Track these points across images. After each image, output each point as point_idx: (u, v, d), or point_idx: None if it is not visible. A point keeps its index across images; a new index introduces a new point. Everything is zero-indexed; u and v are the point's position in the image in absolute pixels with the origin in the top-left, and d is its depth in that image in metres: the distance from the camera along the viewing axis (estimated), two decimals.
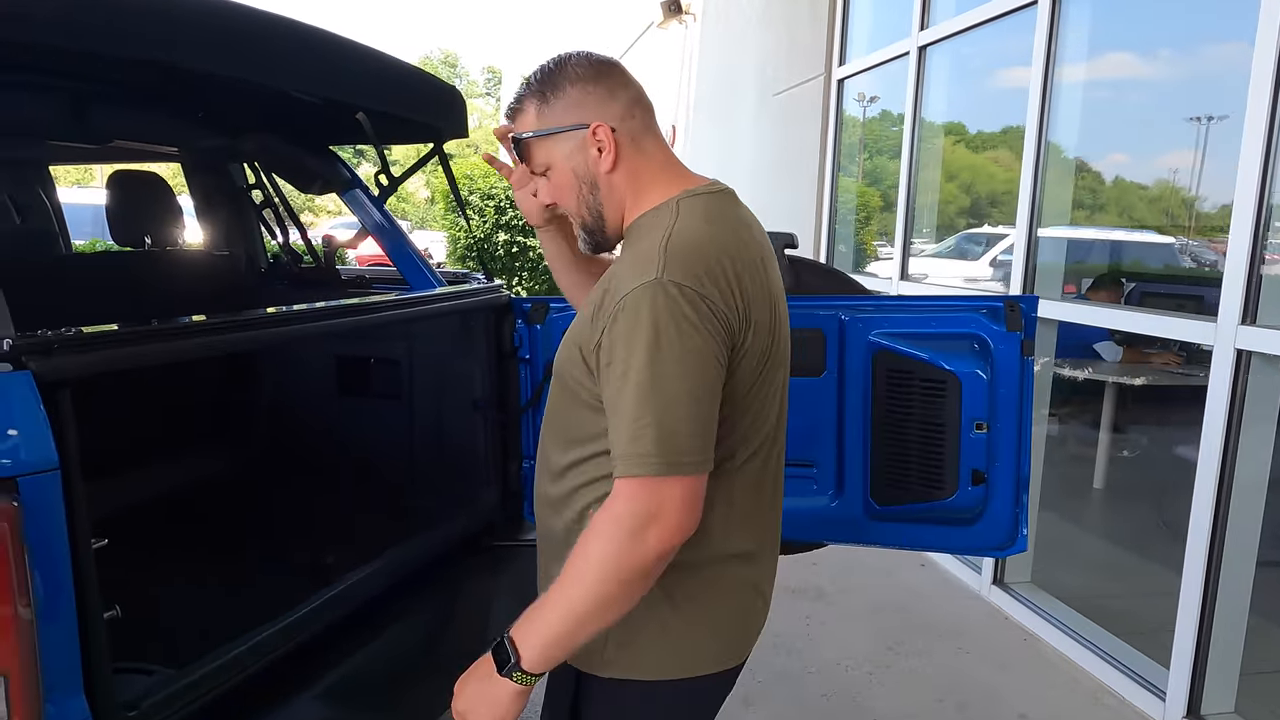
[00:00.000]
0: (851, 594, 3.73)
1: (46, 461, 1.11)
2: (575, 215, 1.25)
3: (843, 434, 2.11)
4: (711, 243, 1.12)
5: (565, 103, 1.20)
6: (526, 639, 1.07)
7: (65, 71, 1.88)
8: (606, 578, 1.03)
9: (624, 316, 1.06)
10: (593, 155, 1.20)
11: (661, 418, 1.03)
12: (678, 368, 1.04)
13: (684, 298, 1.05)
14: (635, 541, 1.02)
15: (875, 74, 5.30)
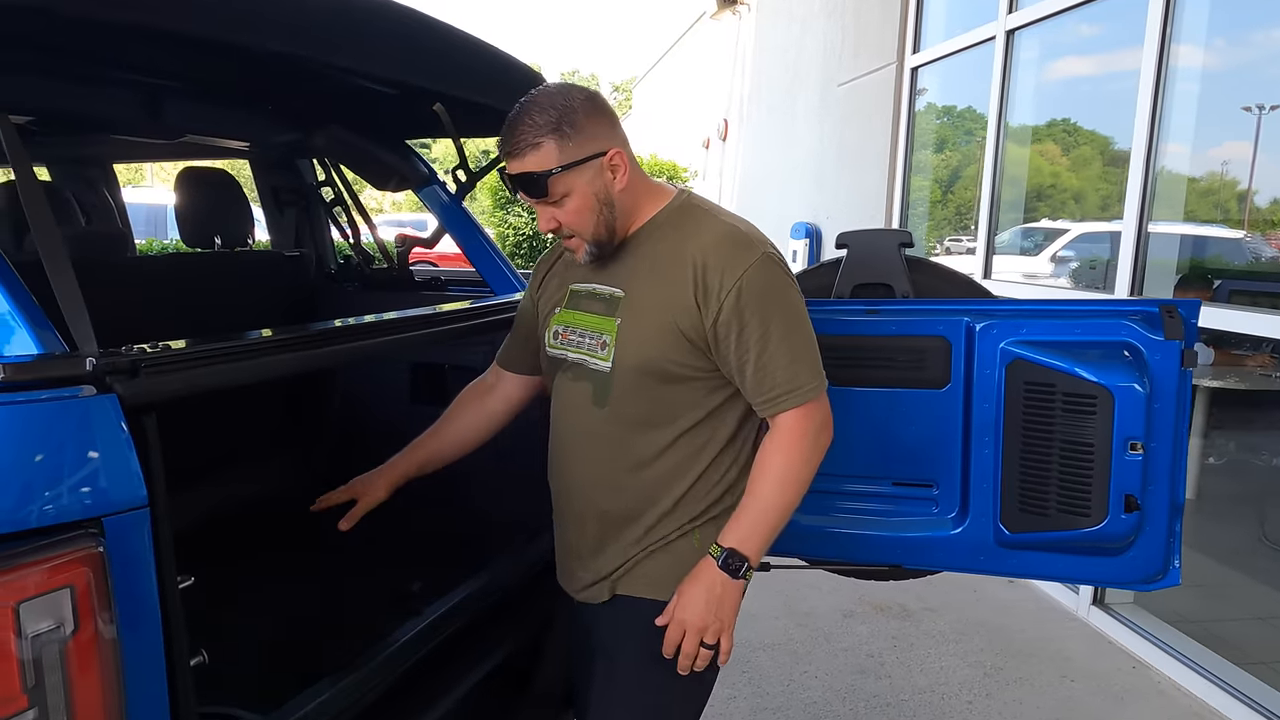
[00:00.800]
0: (939, 613, 3.52)
1: (134, 498, 0.97)
2: (589, 233, 1.39)
3: (969, 452, 1.92)
4: (750, 225, 1.44)
5: (583, 136, 1.33)
6: (750, 542, 1.38)
7: (134, 64, 1.75)
8: (805, 479, 1.40)
9: (748, 289, 1.34)
10: (608, 178, 1.37)
11: (804, 354, 1.39)
12: (801, 314, 1.41)
13: (782, 263, 1.40)
14: (819, 444, 1.41)
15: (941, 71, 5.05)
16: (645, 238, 1.44)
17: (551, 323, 1.54)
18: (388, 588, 1.82)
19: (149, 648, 1.00)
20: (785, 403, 1.37)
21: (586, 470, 1.50)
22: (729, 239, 1.38)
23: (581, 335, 1.48)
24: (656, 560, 1.47)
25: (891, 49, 5.39)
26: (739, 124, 9.68)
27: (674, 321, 1.37)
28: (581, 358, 1.47)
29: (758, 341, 1.35)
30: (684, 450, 1.44)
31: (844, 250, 2.09)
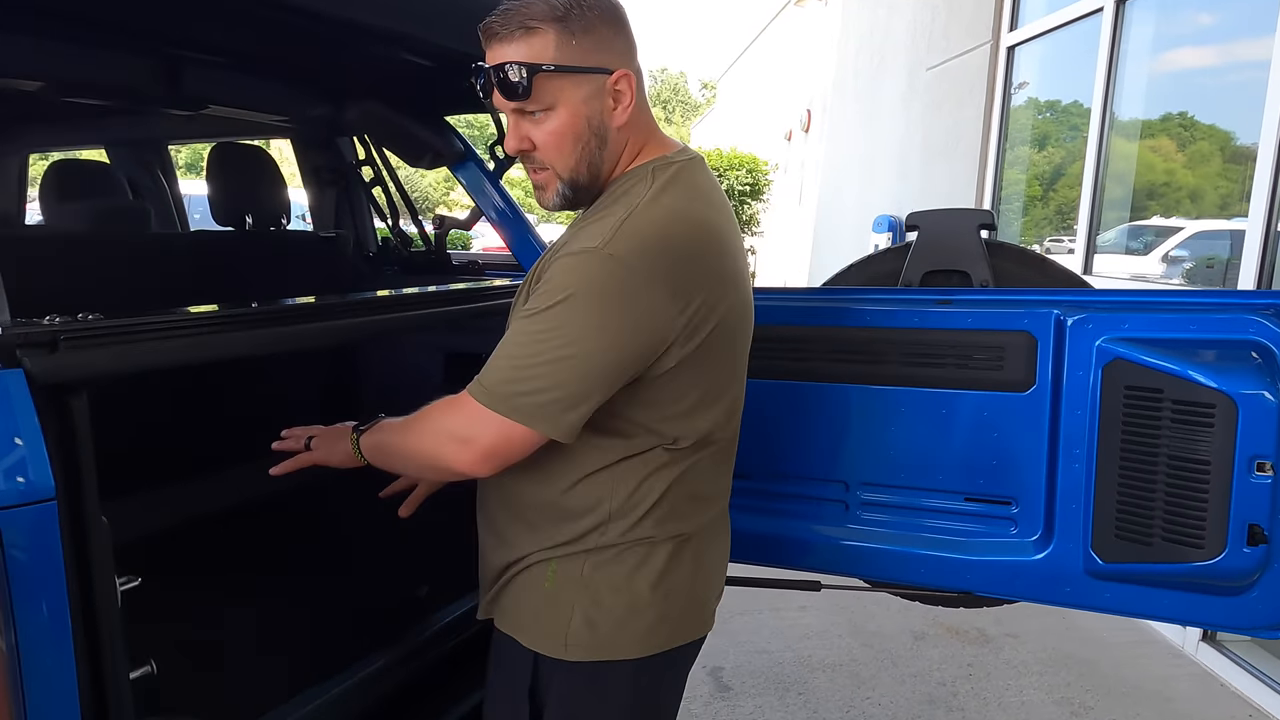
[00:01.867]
0: (1021, 640, 3.20)
1: (40, 490, 0.84)
2: (567, 167, 1.11)
3: (1055, 466, 1.65)
4: (677, 221, 1.07)
5: (593, 39, 1.06)
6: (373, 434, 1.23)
7: (169, 33, 1.67)
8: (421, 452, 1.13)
9: (551, 273, 1.03)
10: (608, 105, 1.09)
11: (528, 362, 1.02)
12: (575, 333, 1.00)
13: (617, 273, 1.00)
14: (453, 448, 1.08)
15: (1041, 51, 4.65)
16: (603, 197, 1.15)
17: None
18: (395, 590, 1.69)
19: (60, 655, 0.88)
20: (474, 383, 1.06)
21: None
22: (606, 220, 1.06)
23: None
24: (510, 590, 1.22)
25: (986, 26, 5.01)
26: (822, 114, 9.33)
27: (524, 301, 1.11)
28: None
29: (522, 315, 1.04)
30: (542, 464, 1.13)
31: (914, 233, 1.85)
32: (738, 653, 3.04)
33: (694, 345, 1.07)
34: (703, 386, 1.12)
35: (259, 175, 2.28)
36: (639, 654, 1.17)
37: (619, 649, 1.16)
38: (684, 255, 1.04)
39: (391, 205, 2.48)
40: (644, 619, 1.16)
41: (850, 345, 1.76)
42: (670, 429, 1.12)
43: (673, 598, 1.19)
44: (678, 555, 1.19)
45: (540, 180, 1.13)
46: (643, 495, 1.14)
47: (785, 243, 12.47)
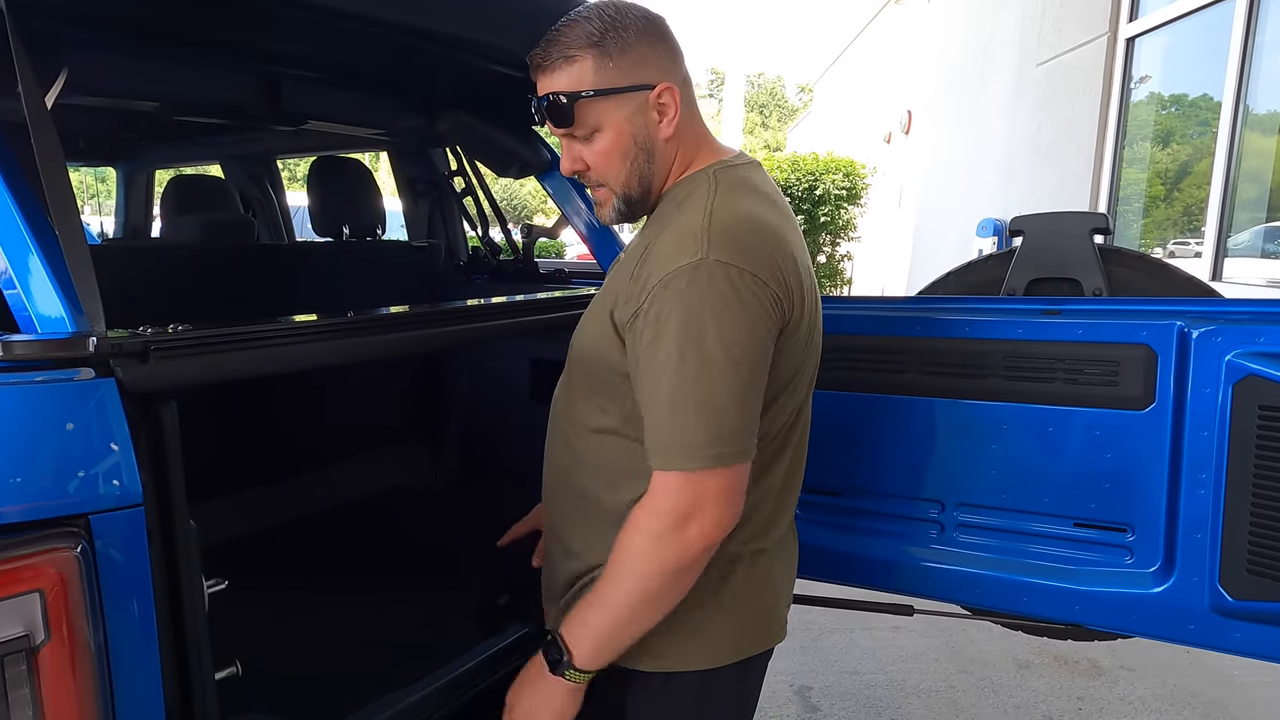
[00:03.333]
0: (1139, 674, 2.97)
1: (128, 495, 0.87)
2: (619, 183, 1.14)
3: (1177, 492, 1.52)
4: (757, 218, 1.07)
5: (631, 59, 1.08)
6: (578, 637, 1.05)
7: (258, 51, 1.75)
8: (648, 574, 1.01)
9: (665, 297, 1.00)
10: (653, 119, 1.11)
11: (704, 405, 0.99)
12: (721, 353, 0.98)
13: (730, 277, 0.99)
14: (676, 537, 1.00)
15: (1165, 42, 4.34)
16: (659, 207, 1.17)
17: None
18: (475, 599, 1.70)
19: (146, 656, 0.90)
20: (656, 459, 1.01)
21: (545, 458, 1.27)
22: (685, 228, 1.04)
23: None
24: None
25: (1102, 17, 4.72)
26: (923, 115, 9.03)
27: (609, 301, 1.10)
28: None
29: (661, 364, 0.99)
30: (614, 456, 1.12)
31: (1019, 239, 1.74)
32: (827, 673, 2.94)
33: (782, 339, 1.07)
34: (779, 385, 1.10)
35: (356, 187, 2.36)
36: (712, 664, 1.15)
37: (692, 659, 1.14)
38: (771, 246, 1.05)
39: (481, 215, 2.52)
40: (718, 629, 1.14)
41: (948, 357, 1.67)
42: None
43: (749, 608, 1.17)
44: (753, 567, 1.17)
45: (599, 197, 1.17)
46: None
47: (883, 249, 12.12)
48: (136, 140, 2.99)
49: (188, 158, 3.34)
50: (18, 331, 1.02)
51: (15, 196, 1.06)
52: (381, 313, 1.26)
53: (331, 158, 2.43)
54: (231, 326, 1.00)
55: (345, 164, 2.44)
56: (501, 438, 2.35)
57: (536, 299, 1.63)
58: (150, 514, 0.89)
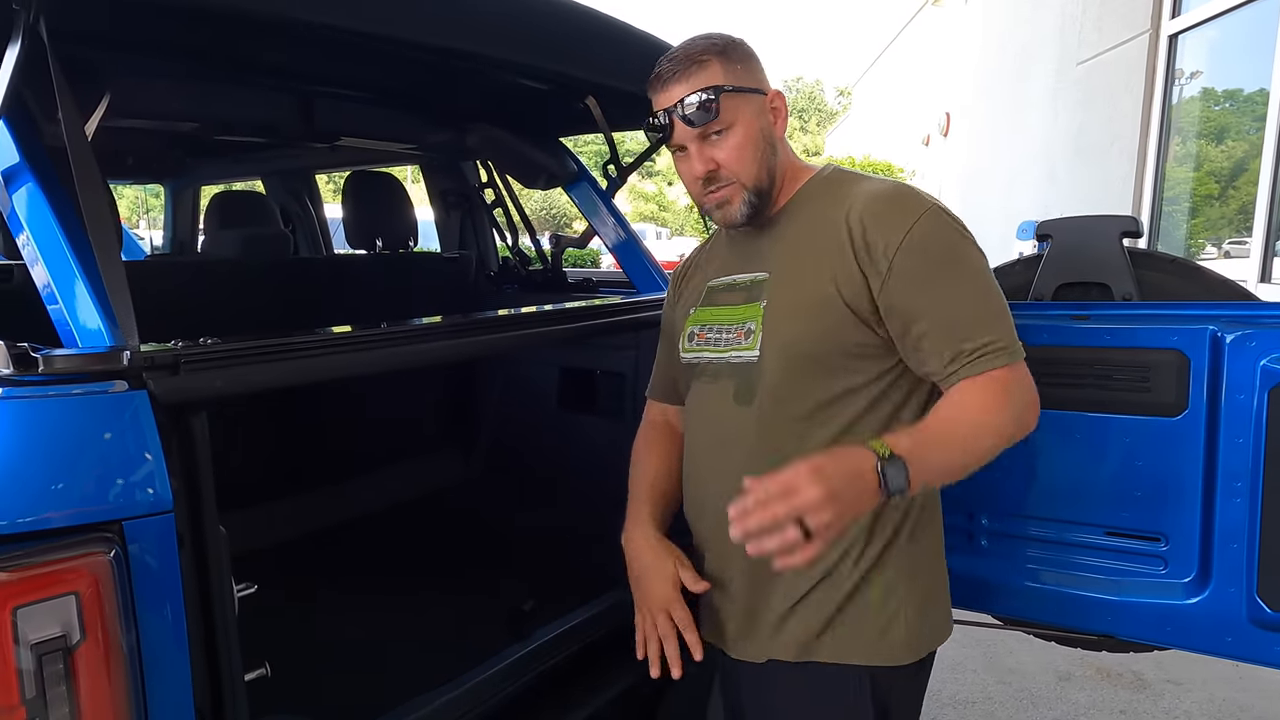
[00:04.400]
0: (1185, 688, 2.89)
1: (159, 502, 0.91)
2: (751, 175, 1.21)
3: (1212, 500, 1.48)
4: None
5: (749, 67, 1.22)
6: (924, 471, 1.03)
7: (292, 71, 1.81)
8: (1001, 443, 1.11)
9: (921, 241, 1.13)
10: (769, 120, 1.23)
11: (1002, 311, 1.15)
12: (989, 274, 1.17)
13: (956, 221, 1.18)
14: (1024, 419, 1.13)
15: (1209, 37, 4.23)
16: (790, 214, 1.25)
17: (686, 325, 1.35)
18: (502, 605, 1.72)
19: (177, 657, 0.94)
20: (988, 360, 1.10)
21: (729, 488, 1.10)
22: (887, 194, 1.18)
23: (719, 331, 1.28)
24: (824, 614, 1.19)
25: (1144, 15, 4.62)
26: (961, 117, 8.90)
27: (834, 292, 1.15)
28: (718, 356, 1.27)
29: (944, 296, 1.13)
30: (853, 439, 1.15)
31: (1046, 243, 1.71)
32: None
33: None
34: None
35: (388, 201, 2.41)
36: (901, 660, 1.21)
37: (939, 634, 1.26)
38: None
39: (511, 225, 2.56)
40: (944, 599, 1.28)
41: None
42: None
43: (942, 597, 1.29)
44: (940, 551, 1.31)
45: (723, 196, 1.22)
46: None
47: None
48: (182, 158, 3.09)
49: (231, 174, 3.44)
50: (59, 343, 1.07)
51: (59, 219, 1.11)
52: (411, 325, 1.29)
53: (364, 172, 2.49)
54: (258, 339, 1.04)
55: (378, 178, 2.50)
56: (530, 445, 2.39)
57: (565, 309, 1.66)
58: (180, 520, 0.93)
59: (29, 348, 0.93)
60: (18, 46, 1.02)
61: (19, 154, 1.15)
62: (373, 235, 2.35)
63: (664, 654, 1.26)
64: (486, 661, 1.46)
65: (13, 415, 0.88)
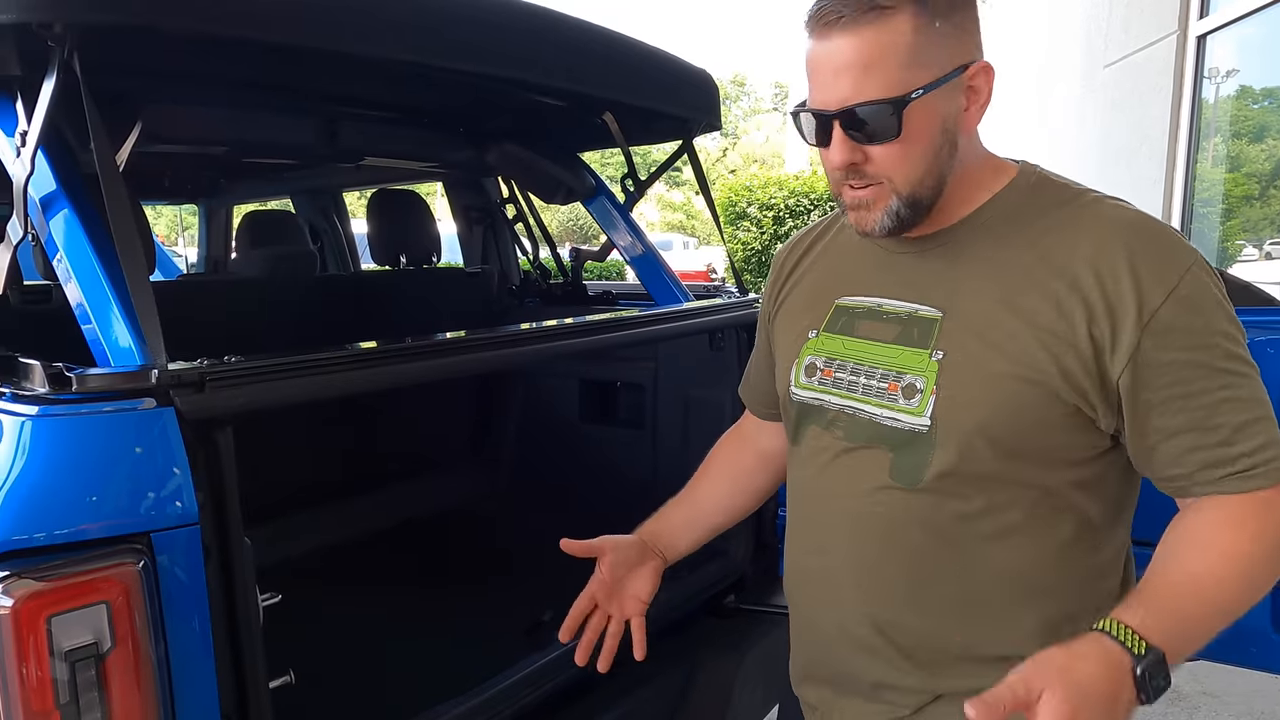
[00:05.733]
0: (1222, 701, 2.82)
1: (185, 515, 0.95)
2: (910, 181, 0.88)
3: None
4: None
5: (956, 25, 0.85)
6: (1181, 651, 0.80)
7: (318, 92, 1.87)
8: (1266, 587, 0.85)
9: (1191, 307, 0.83)
10: (960, 105, 0.88)
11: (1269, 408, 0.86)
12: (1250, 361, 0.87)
13: (1216, 275, 0.87)
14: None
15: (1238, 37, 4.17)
16: (979, 232, 0.92)
17: (804, 353, 1.04)
18: (521, 616, 1.75)
19: (203, 665, 0.97)
20: (1260, 476, 0.83)
21: (877, 586, 0.96)
22: (1144, 233, 0.86)
23: (859, 374, 0.97)
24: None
25: (1171, 15, 4.57)
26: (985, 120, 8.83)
27: (1051, 363, 0.86)
28: (859, 408, 0.96)
29: (1215, 387, 0.84)
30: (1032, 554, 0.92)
31: None
32: None
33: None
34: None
35: (411, 218, 2.47)
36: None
37: None
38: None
39: (532, 239, 2.60)
40: None
41: None
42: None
43: None
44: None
45: (865, 197, 0.90)
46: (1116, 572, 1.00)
47: None
48: (214, 179, 3.19)
49: (261, 194, 3.54)
50: (93, 361, 1.12)
51: (93, 243, 1.16)
52: (432, 340, 1.33)
53: (388, 190, 2.55)
54: (281, 357, 1.08)
55: (402, 196, 2.56)
56: (551, 456, 2.42)
57: (586, 322, 1.69)
58: (206, 532, 0.96)
59: (63, 367, 0.98)
60: (53, 80, 1.07)
61: (56, 181, 1.21)
62: (397, 251, 2.40)
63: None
64: (504, 672, 1.49)
65: (48, 432, 0.93)
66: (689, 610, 1.87)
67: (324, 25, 1.24)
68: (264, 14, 1.17)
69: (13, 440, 0.93)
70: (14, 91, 1.21)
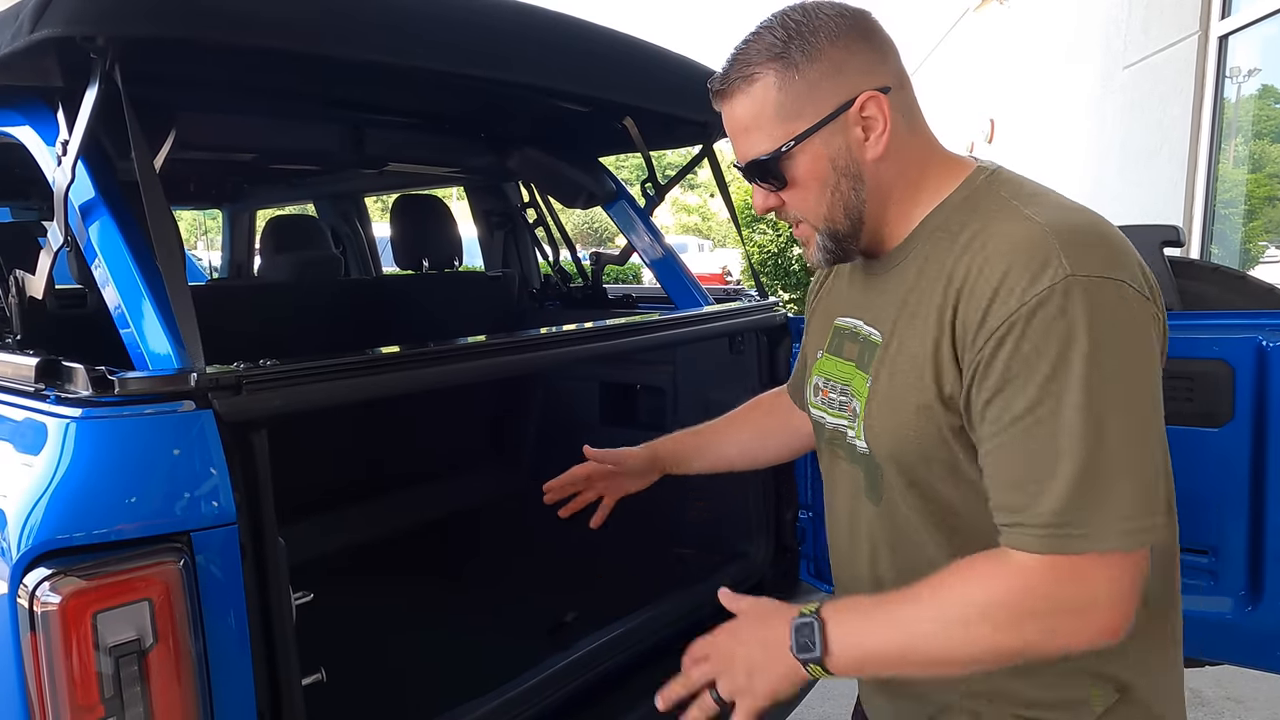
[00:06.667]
0: (1248, 707, 2.80)
1: (224, 515, 0.97)
2: (820, 219, 0.94)
3: (1262, 513, 1.47)
4: (1101, 221, 0.85)
5: (821, 68, 0.88)
6: (845, 636, 0.86)
7: (343, 100, 1.90)
8: (980, 646, 0.81)
9: (1030, 330, 0.78)
10: (856, 138, 0.90)
11: (1103, 470, 0.76)
12: (1122, 397, 0.77)
13: (1122, 298, 0.79)
14: (1036, 629, 0.80)
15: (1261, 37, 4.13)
16: (917, 243, 0.93)
17: (813, 372, 1.11)
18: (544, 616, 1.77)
19: (240, 662, 1.00)
20: (1034, 538, 0.79)
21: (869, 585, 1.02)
22: (1019, 244, 0.81)
23: (836, 392, 1.03)
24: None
25: (1192, 16, 4.54)
26: (1006, 123, 8.79)
27: (931, 388, 0.86)
28: (837, 426, 1.02)
29: (1025, 415, 0.78)
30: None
31: None
32: None
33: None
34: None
35: (434, 223, 2.50)
36: None
37: None
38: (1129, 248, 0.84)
39: (553, 243, 2.62)
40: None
41: None
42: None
43: None
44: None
45: (800, 235, 0.99)
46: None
47: None
48: (239, 184, 3.24)
49: (285, 198, 3.58)
50: (128, 364, 1.14)
51: (132, 249, 1.19)
52: (457, 344, 1.35)
53: (411, 196, 2.58)
54: (314, 361, 1.10)
55: (425, 201, 2.59)
56: (572, 458, 2.43)
57: (606, 326, 1.70)
58: (243, 531, 0.99)
59: (105, 371, 1.00)
60: (94, 91, 1.10)
61: (94, 188, 1.24)
62: (420, 256, 2.43)
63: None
64: (527, 671, 1.50)
65: (92, 434, 0.96)
66: (710, 614, 1.88)
67: (353, 36, 1.27)
68: (297, 26, 1.19)
69: (57, 442, 0.96)
70: (55, 102, 1.24)
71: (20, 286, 1.35)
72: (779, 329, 1.97)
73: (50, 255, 1.27)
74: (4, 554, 0.92)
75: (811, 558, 2.02)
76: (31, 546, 0.89)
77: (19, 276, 1.37)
